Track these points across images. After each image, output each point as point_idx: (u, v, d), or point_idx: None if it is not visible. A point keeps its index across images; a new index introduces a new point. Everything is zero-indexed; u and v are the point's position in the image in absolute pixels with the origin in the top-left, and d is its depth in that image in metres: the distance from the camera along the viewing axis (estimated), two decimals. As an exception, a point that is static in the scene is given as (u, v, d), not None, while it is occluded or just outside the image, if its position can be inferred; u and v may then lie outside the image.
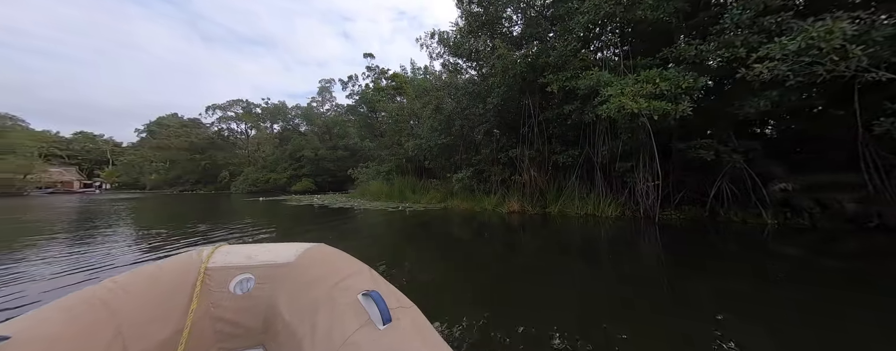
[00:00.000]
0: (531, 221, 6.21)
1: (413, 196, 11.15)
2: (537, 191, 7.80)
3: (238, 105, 34.07)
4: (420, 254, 3.82)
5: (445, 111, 11.02)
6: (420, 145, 12.20)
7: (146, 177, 34.47)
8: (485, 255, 3.85)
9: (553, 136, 8.01)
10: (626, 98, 4.72)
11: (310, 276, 1.00)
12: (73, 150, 41.36)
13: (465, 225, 6.10)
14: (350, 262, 1.10)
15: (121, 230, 5.69)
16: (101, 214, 8.96)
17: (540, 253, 3.96)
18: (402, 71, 21.08)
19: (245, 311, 1.01)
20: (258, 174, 27.00)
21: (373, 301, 0.78)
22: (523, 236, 5.08)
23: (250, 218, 7.49)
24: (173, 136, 33.08)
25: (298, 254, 1.11)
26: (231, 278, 1.04)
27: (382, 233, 5.32)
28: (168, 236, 4.92)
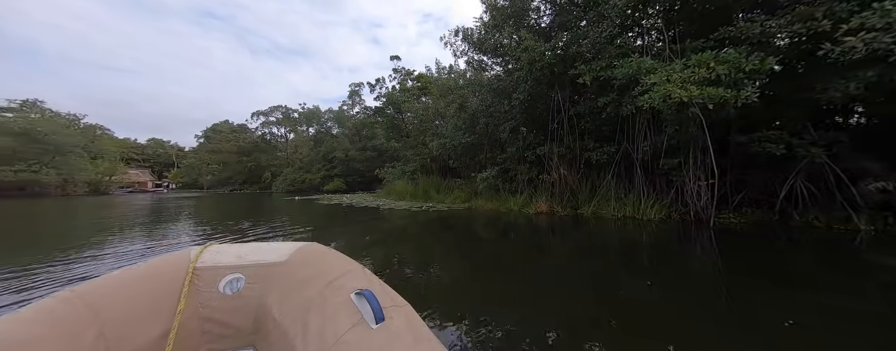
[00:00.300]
0: (561, 222, 5.76)
1: (437, 196, 11.04)
2: (567, 191, 7.26)
3: (278, 111, 36.63)
4: (443, 254, 3.63)
5: (469, 109, 10.76)
6: (444, 145, 12.07)
7: (203, 177, 38.39)
8: (511, 257, 3.57)
9: (585, 131, 7.40)
10: (673, 86, 4.13)
11: (302, 275, 0.98)
12: (147, 155, 47.41)
13: (490, 225, 5.81)
14: (343, 260, 1.07)
15: (190, 220, 6.77)
16: (171, 209, 10.09)
17: (573, 256, 3.58)
18: (427, 71, 21.17)
19: (235, 311, 0.98)
20: (295, 175, 28.75)
21: (366, 300, 0.76)
22: (553, 238, 4.68)
23: (287, 216, 7.86)
24: (224, 141, 36.49)
25: (290, 253, 1.08)
26: (220, 278, 1.01)
27: (406, 232, 5.22)
28: (223, 228, 5.27)
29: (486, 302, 2.22)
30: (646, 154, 5.79)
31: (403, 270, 2.95)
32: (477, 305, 2.13)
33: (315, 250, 1.14)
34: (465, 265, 3.23)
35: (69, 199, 18.73)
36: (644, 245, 4.01)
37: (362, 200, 11.93)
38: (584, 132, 7.42)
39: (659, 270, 2.91)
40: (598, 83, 5.83)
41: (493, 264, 3.20)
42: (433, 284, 2.58)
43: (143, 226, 6.15)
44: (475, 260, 3.43)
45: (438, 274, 2.86)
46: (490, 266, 3.14)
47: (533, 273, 2.87)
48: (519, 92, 7.76)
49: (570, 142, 7.43)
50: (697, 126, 4.81)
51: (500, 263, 3.29)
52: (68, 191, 23.42)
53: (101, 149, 29.40)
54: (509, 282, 2.67)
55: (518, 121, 8.92)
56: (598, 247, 3.98)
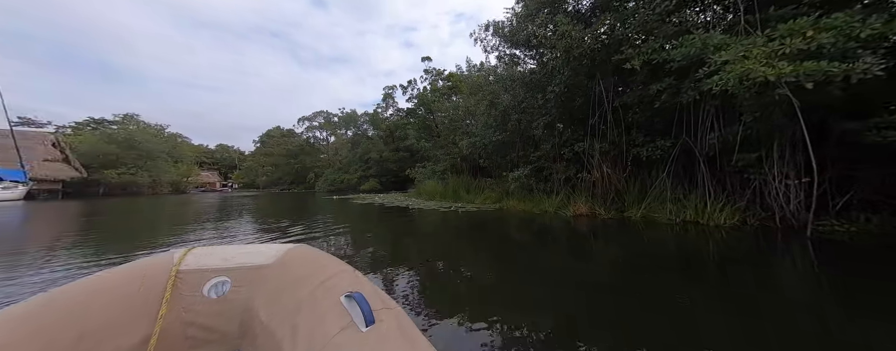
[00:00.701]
0: (604, 226, 5.09)
1: (467, 196, 10.72)
2: (611, 191, 6.47)
3: (320, 116, 39.26)
4: (471, 260, 3.33)
5: (500, 106, 10.26)
6: (474, 143, 11.72)
7: (259, 178, 42.64)
8: (546, 264, 3.14)
9: (633, 124, 6.52)
10: (754, 62, 3.32)
11: (290, 277, 0.96)
12: (215, 158, 54.13)
13: (523, 228, 5.35)
14: (333, 262, 1.04)
15: (251, 215, 7.49)
16: (235, 206, 11.32)
17: (620, 266, 3.04)
18: (457, 70, 20.94)
19: (220, 315, 0.95)
20: (335, 175, 30.50)
21: (356, 302, 0.75)
22: (595, 245, 4.11)
23: (329, 214, 8.19)
24: (275, 145, 40.13)
25: (279, 255, 1.05)
26: (205, 282, 0.98)
27: (433, 234, 5.00)
28: (273, 221, 5.61)
29: (519, 310, 1.88)
30: (712, 148, 4.85)
31: (429, 274, 2.71)
32: (509, 313, 1.80)
33: (304, 252, 1.10)
34: (494, 272, 2.89)
35: (158, 197, 21.94)
36: (715, 257, 3.29)
37: (393, 200, 12.08)
38: (632, 125, 6.55)
39: (740, 286, 2.29)
40: (650, 68, 5.04)
41: (526, 273, 2.81)
42: (461, 290, 2.31)
43: (219, 219, 7.22)
44: (506, 266, 3.07)
45: (466, 280, 2.57)
46: (522, 274, 2.76)
47: (572, 284, 2.44)
48: (554, 84, 7.13)
49: (613, 137, 6.62)
50: (785, 112, 3.86)
51: (534, 271, 2.89)
52: (156, 190, 27.55)
53: (181, 154, 34.09)
54: (546, 295, 2.28)
55: (553, 116, 8.24)
56: (655, 257, 3.35)
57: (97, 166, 23.47)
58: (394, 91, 29.57)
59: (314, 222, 6.11)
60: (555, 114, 8.19)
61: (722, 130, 4.74)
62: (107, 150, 24.31)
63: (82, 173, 22.29)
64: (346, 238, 4.47)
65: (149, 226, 6.37)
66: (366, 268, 2.95)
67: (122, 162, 24.89)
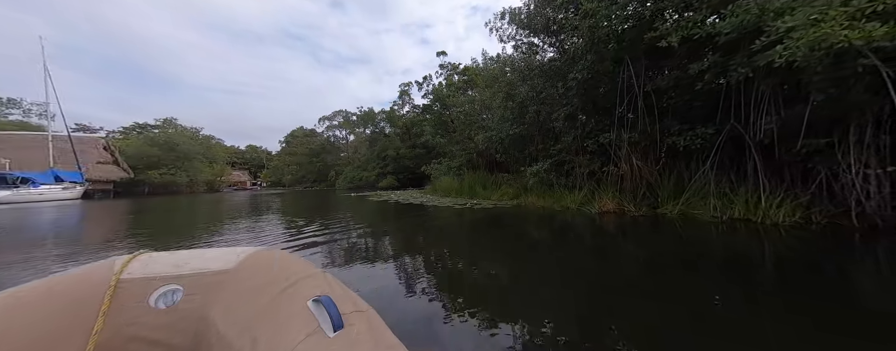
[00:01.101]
0: (635, 224, 4.56)
1: (483, 192, 10.35)
2: (642, 185, 5.86)
3: (340, 115, 40.14)
4: (486, 258, 3.02)
5: (518, 98, 9.74)
6: (490, 138, 11.28)
7: (285, 177, 44.54)
8: (569, 265, 2.77)
9: (667, 111, 5.84)
10: (831, 26, 2.70)
11: (252, 283, 0.89)
12: (245, 158, 57.27)
13: (543, 226, 4.94)
14: (301, 266, 0.98)
15: (274, 210, 7.75)
16: (265, 203, 11.77)
17: (655, 268, 2.60)
18: (473, 63, 20.41)
19: (169, 327, 0.86)
20: (354, 173, 31.10)
21: (323, 307, 0.71)
22: (625, 244, 3.64)
23: (345, 212, 8.19)
24: (299, 145, 41.62)
25: (239, 260, 0.98)
26: (151, 291, 0.88)
27: (448, 233, 4.72)
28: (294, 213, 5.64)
29: (538, 314, 1.56)
30: (768, 134, 4.15)
31: (441, 276, 2.44)
32: (527, 318, 1.48)
33: (269, 256, 1.02)
34: (511, 273, 2.56)
35: (195, 195, 23.46)
36: (774, 260, 2.74)
37: (409, 197, 11.95)
38: (666, 112, 5.87)
39: (814, 302, 1.80)
40: (691, 45, 4.40)
41: (546, 274, 2.46)
42: (475, 291, 2.02)
43: (249, 214, 7.68)
44: (524, 267, 2.72)
45: (481, 281, 2.27)
46: (542, 275, 2.41)
47: (597, 287, 2.06)
48: (576, 71, 6.56)
49: (644, 126, 5.97)
50: (869, 86, 3.16)
51: (555, 272, 2.53)
52: (193, 189, 29.50)
53: (214, 155, 36.27)
54: (568, 298, 1.93)
55: (575, 106, 7.64)
56: (697, 259, 2.86)
57: (142, 167, 25.45)
58: (410, 88, 29.52)
59: (330, 221, 6.05)
60: (576, 103, 7.59)
61: (781, 113, 4.04)
62: (149, 153, 26.28)
63: (130, 174, 24.27)
64: (360, 239, 4.31)
65: (189, 221, 6.99)
66: (379, 269, 2.74)
67: (163, 163, 26.81)
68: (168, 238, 4.60)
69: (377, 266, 2.83)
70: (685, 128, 5.39)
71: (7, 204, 14.44)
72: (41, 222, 6.89)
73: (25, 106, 21.98)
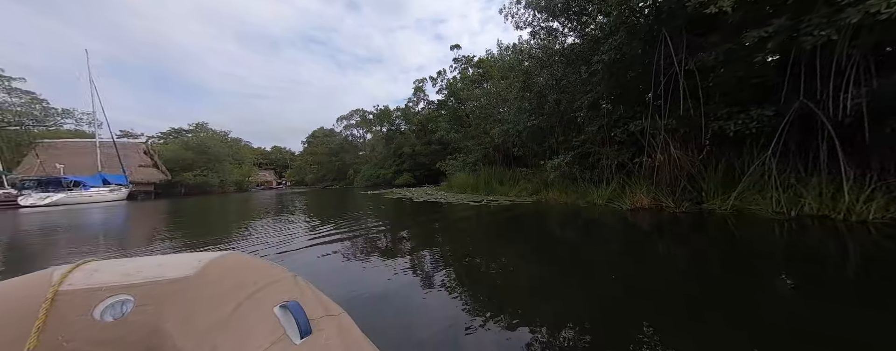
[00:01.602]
0: (675, 222, 3.93)
1: (500, 188, 9.84)
2: (682, 177, 5.13)
3: (357, 114, 40.73)
4: (504, 259, 2.61)
5: (536, 87, 9.10)
6: (507, 131, 10.73)
7: (307, 176, 46.08)
8: (598, 269, 2.29)
9: (713, 92, 5.06)
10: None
11: (214, 290, 0.83)
12: (271, 159, 59.97)
13: (567, 224, 4.43)
14: (269, 270, 0.92)
15: (298, 207, 7.72)
16: (289, 201, 12.12)
17: (705, 273, 2.07)
18: (488, 55, 19.69)
19: (116, 342, 0.76)
20: (371, 171, 31.46)
21: (290, 313, 0.70)
22: (665, 245, 3.08)
23: (358, 211, 8.07)
24: (319, 144, 42.79)
25: (200, 266, 0.89)
26: (97, 302, 0.78)
27: (463, 233, 4.35)
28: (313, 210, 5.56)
29: (564, 325, 1.15)
30: (854, 110, 3.36)
31: (452, 280, 2.08)
32: (551, 330, 1.08)
33: (234, 261, 0.94)
34: (532, 277, 2.14)
35: (226, 195, 24.74)
36: (867, 266, 2.11)
37: (424, 194, 11.67)
38: (712, 94, 5.08)
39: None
40: (748, 9, 3.65)
41: (570, 278, 2.01)
42: (493, 298, 1.63)
43: (272, 213, 7.83)
44: (548, 272, 2.29)
45: (500, 286, 1.88)
46: (567, 280, 1.97)
47: (635, 291, 1.59)
48: (602, 53, 5.87)
49: (685, 110, 5.21)
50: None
51: (582, 277, 2.07)
52: (224, 189, 31.18)
53: (242, 156, 38.14)
54: (598, 305, 1.49)
55: (600, 92, 6.93)
56: (758, 262, 2.27)
57: (178, 170, 27.18)
58: (424, 84, 29.25)
59: (342, 220, 5.87)
60: (602, 90, 6.88)
61: (873, 83, 3.24)
62: (184, 156, 28.00)
63: (168, 176, 26.01)
64: (369, 239, 4.03)
65: (222, 218, 7.50)
66: (388, 272, 2.42)
67: (197, 165, 28.49)
68: (205, 231, 5.06)
69: (385, 269, 2.51)
70: (735, 110, 4.61)
71: (63, 205, 15.80)
72: (93, 222, 7.39)
73: (77, 115, 23.94)
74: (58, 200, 16.35)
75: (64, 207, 14.87)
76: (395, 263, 2.71)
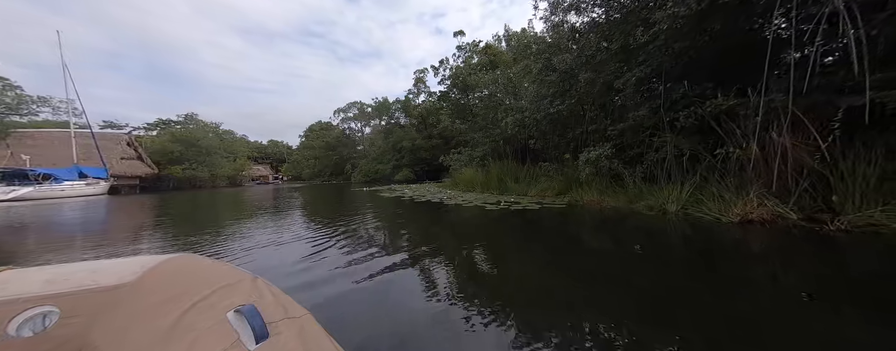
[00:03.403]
0: (839, 249, 2.39)
1: (516, 186, 8.30)
2: (803, 176, 3.58)
3: (354, 107, 38.91)
4: (560, 312, 1.13)
5: (563, 64, 7.47)
6: (522, 121, 9.13)
7: (304, 171, 44.43)
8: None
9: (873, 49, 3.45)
10: None
11: (158, 297, 0.75)
12: (267, 153, 58.17)
13: (658, 246, 2.86)
14: (223, 273, 0.84)
15: (301, 202, 6.27)
16: (286, 196, 10.97)
17: None
18: (495, 40, 17.96)
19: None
20: (369, 165, 29.87)
21: (244, 317, 0.64)
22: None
23: (348, 213, 6.51)
24: (315, 138, 41.06)
25: (144, 270, 0.82)
26: (12, 316, 0.69)
27: (481, 249, 2.82)
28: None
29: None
30: None
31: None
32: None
33: (183, 263, 0.88)
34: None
35: (216, 190, 23.17)
36: None
37: (425, 192, 10.13)
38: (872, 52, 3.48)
39: None
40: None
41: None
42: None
43: (288, 207, 6.64)
44: None
45: None
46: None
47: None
48: (673, 5, 4.25)
49: (800, 79, 3.62)
50: None
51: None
52: (215, 184, 29.57)
53: (235, 150, 36.43)
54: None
55: (654, 63, 5.32)
56: None
57: (165, 163, 25.54)
58: (426, 74, 27.49)
59: (331, 225, 4.31)
60: (656, 60, 5.26)
61: None
62: (171, 148, 26.32)
63: (154, 169, 24.36)
64: (340, 265, 2.48)
65: (213, 214, 6.65)
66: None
67: (185, 158, 26.83)
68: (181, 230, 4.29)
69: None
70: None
71: (28, 200, 14.19)
72: (57, 219, 6.42)
73: (54, 103, 22.15)
74: (24, 195, 14.74)
75: (31, 202, 13.30)
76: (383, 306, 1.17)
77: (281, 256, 2.79)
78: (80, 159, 20.04)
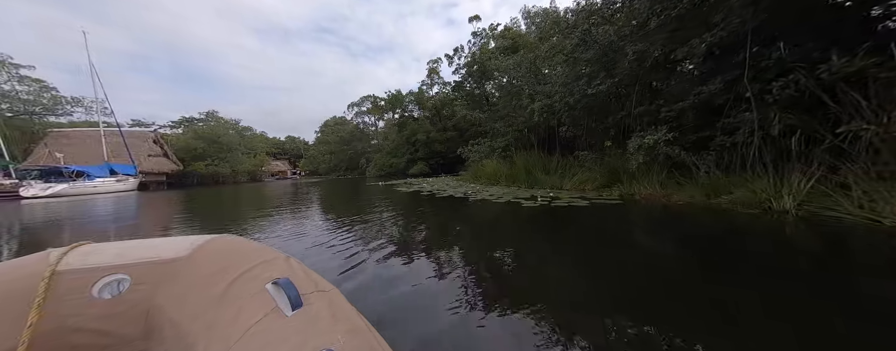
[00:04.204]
0: None
1: (547, 178, 7.42)
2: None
3: (368, 101, 38.52)
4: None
5: (604, 38, 6.42)
6: (550, 106, 8.17)
7: (320, 166, 44.92)
8: None
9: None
10: None
11: (208, 270, 0.85)
12: (285, 149, 59.35)
13: (815, 266, 2.01)
14: (260, 251, 0.92)
15: (319, 197, 6.15)
16: (305, 191, 10.71)
17: None
18: (513, 24, 16.70)
19: (116, 317, 0.80)
20: (384, 159, 29.50)
21: (281, 288, 0.70)
22: None
23: (365, 212, 5.94)
24: (331, 133, 41.17)
25: (194, 247, 0.92)
26: (94, 282, 0.81)
27: (540, 267, 2.06)
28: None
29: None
30: None
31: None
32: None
33: (226, 243, 0.97)
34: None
35: (238, 185, 23.56)
36: None
37: (445, 186, 9.42)
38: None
39: None
40: None
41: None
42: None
43: (306, 203, 6.76)
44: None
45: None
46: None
47: None
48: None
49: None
50: None
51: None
52: (237, 179, 30.24)
53: (254, 146, 37.13)
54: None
55: (739, 24, 4.22)
56: None
57: (188, 159, 26.22)
58: (439, 64, 26.43)
59: (350, 228, 3.69)
60: (738, 18, 4.17)
61: None
62: (195, 145, 26.96)
63: (179, 166, 25.06)
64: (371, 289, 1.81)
65: (236, 210, 6.34)
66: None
67: (208, 154, 27.46)
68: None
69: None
70: None
71: (65, 196, 14.70)
72: (89, 213, 6.47)
73: (86, 103, 23.03)
74: (60, 191, 15.29)
75: (66, 198, 13.74)
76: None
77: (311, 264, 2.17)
78: (110, 157, 20.76)
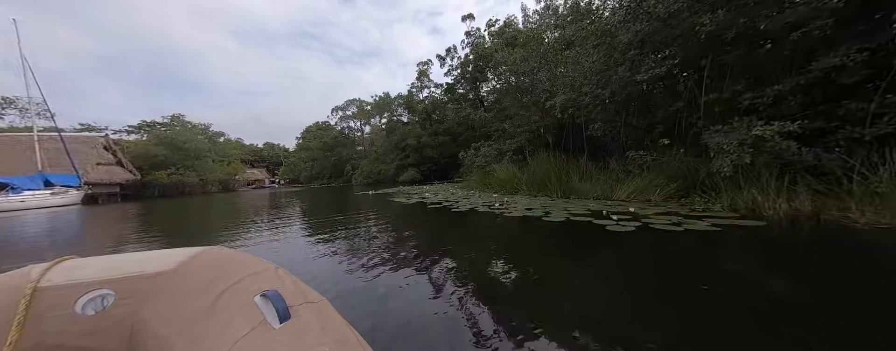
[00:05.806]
0: None
1: (585, 186, 5.90)
2: None
3: (353, 104, 36.39)
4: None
5: (664, 7, 5.08)
6: (576, 101, 6.78)
7: (301, 174, 41.77)
8: None
9: None
10: None
11: (195, 283, 0.82)
12: (263, 156, 55.32)
13: None
14: (249, 263, 0.90)
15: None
16: (285, 203, 9.07)
17: None
18: (511, 21, 15.55)
19: (99, 333, 0.76)
20: (371, 166, 27.38)
21: (270, 301, 0.68)
22: None
23: (362, 235, 4.12)
24: (312, 138, 38.41)
25: (182, 261, 0.88)
26: (77, 297, 0.77)
27: None
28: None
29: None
30: None
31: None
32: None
33: (216, 255, 0.93)
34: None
35: (208, 195, 20.58)
36: None
37: (450, 196, 7.71)
38: None
39: None
40: None
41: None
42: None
43: (284, 218, 4.78)
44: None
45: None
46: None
47: None
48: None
49: None
50: None
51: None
52: (206, 189, 26.92)
53: (227, 153, 33.74)
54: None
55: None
56: None
57: (148, 168, 22.93)
58: (429, 66, 25.03)
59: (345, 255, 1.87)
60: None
61: None
62: (155, 152, 23.71)
63: (136, 175, 21.71)
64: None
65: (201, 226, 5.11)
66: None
67: (171, 162, 24.21)
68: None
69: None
70: None
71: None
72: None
73: (21, 105, 19.46)
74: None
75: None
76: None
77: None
78: (46, 166, 17.39)
